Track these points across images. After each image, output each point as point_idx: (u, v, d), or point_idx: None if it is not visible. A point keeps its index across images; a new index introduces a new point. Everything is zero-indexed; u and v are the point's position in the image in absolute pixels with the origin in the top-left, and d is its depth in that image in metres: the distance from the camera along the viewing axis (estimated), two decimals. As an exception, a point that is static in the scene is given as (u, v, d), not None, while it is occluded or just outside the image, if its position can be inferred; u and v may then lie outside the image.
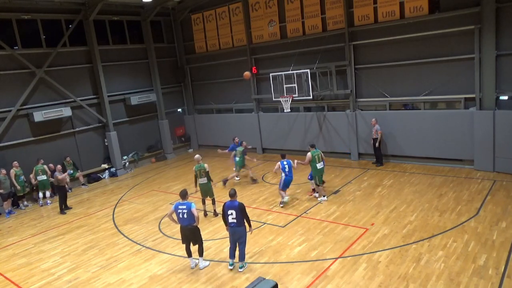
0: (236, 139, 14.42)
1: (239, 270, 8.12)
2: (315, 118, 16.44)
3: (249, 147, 15.47)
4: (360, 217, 10.05)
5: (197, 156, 11.48)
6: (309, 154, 11.30)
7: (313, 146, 11.61)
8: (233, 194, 8.11)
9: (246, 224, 8.03)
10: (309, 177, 12.08)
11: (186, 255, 8.52)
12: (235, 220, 7.92)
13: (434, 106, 13.72)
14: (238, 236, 8.02)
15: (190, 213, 8.00)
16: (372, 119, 14.33)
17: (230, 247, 8.23)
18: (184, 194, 8.23)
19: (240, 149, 13.88)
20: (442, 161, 13.59)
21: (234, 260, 8.21)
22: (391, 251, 8.17)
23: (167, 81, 20.54)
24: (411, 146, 14.10)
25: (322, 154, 11.53)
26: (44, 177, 14.34)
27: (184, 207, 8.05)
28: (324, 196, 11.64)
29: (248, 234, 8.21)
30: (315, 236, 9.26)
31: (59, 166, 14.41)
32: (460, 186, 11.54)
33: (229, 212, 7.94)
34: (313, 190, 12.00)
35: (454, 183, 11.81)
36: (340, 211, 10.65)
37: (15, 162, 14.07)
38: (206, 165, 11.12)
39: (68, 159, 16.02)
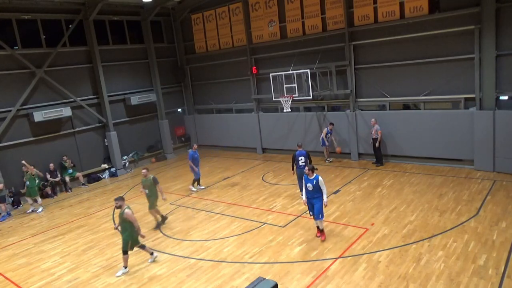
0: (195, 146, 13.86)
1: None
2: (315, 118, 16.44)
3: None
4: (360, 217, 10.05)
5: None
6: None
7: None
8: (301, 145, 11.67)
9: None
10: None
11: (186, 255, 8.49)
12: (304, 164, 11.12)
13: (434, 106, 13.70)
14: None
15: None
16: (372, 119, 14.33)
17: (298, 184, 11.57)
18: None
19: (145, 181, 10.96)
20: (442, 161, 13.59)
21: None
22: (391, 251, 8.16)
23: (167, 81, 20.54)
24: (411, 146, 14.09)
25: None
26: None
27: None
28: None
29: None
30: (315, 236, 9.25)
31: None
32: (460, 186, 11.54)
33: (300, 158, 11.28)
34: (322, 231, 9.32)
35: (454, 183, 11.80)
36: (340, 211, 10.65)
37: None
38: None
39: (65, 158, 16.00)
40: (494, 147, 12.24)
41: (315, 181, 8.78)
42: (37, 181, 14.75)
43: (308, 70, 14.59)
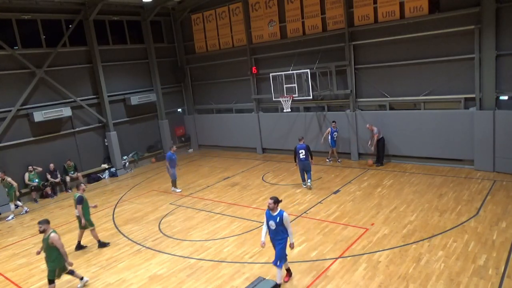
0: (174, 148, 14.75)
1: (311, 187, 12.53)
2: (315, 118, 16.44)
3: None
4: (360, 217, 10.05)
5: None
6: None
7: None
8: (301, 139, 12.65)
9: (310, 158, 12.30)
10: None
11: (186, 255, 8.49)
12: (304, 156, 12.20)
13: (434, 106, 13.69)
14: (306, 167, 12.36)
15: None
16: (367, 125, 14.32)
17: (301, 175, 12.83)
18: None
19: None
20: (442, 161, 13.59)
21: (306, 183, 12.61)
22: (391, 251, 8.16)
23: (167, 81, 20.54)
24: (411, 146, 14.09)
25: None
26: None
27: None
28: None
29: (311, 165, 12.46)
30: (315, 236, 9.26)
31: None
32: (460, 186, 11.54)
33: (300, 151, 12.22)
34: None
35: (454, 183, 11.80)
36: (340, 211, 10.64)
37: None
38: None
39: (69, 162, 16.03)
40: (494, 147, 12.24)
41: (278, 218, 6.88)
42: (36, 181, 14.81)
43: (308, 70, 14.59)
